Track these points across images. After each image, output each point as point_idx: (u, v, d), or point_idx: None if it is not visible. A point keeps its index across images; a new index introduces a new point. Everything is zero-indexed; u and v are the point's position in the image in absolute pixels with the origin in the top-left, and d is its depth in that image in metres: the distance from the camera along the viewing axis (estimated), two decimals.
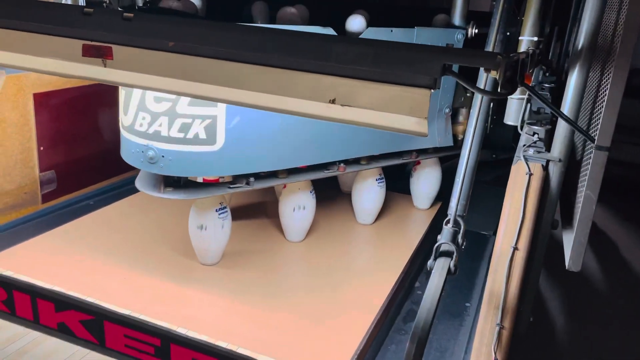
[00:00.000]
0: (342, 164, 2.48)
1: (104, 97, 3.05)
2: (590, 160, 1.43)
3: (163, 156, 1.95)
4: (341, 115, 1.34)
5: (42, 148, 2.73)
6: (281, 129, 2.12)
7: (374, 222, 2.86)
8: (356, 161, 2.58)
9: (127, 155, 2.11)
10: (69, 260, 2.26)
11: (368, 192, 2.77)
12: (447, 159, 3.21)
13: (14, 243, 2.37)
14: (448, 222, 1.60)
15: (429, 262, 1.53)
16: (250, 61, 1.39)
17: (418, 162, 2.97)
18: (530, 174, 1.69)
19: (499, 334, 1.55)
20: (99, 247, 2.39)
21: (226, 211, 2.23)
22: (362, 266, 2.54)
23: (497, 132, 3.30)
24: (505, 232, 1.69)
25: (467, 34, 2.51)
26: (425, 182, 3.01)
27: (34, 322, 1.53)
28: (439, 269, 1.49)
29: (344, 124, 1.36)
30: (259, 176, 2.24)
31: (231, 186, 2.15)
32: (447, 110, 2.69)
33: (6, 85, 2.53)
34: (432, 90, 1.24)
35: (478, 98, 1.58)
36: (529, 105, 1.98)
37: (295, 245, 2.58)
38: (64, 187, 2.89)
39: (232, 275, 2.27)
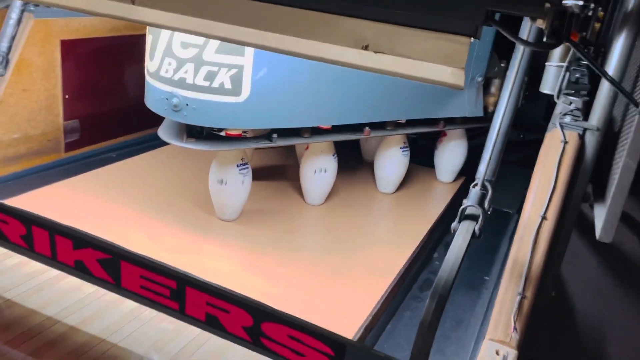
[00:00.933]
0: (367, 128, 2.42)
1: (131, 49, 3.02)
2: (633, 127, 1.36)
3: (187, 104, 1.92)
4: (373, 63, 1.28)
5: (67, 96, 2.73)
6: (309, 85, 2.07)
7: (395, 192, 2.81)
8: (382, 126, 2.52)
9: (151, 102, 2.09)
10: (88, 205, 2.27)
11: (391, 160, 2.71)
12: (475, 136, 3.13)
13: (35, 188, 2.39)
14: (475, 185, 1.54)
15: (453, 225, 1.48)
16: (281, 1, 1.33)
17: (444, 134, 2.90)
18: (565, 142, 1.62)
19: (520, 303, 1.50)
20: (119, 196, 2.39)
21: (247, 167, 2.21)
22: (381, 233, 2.51)
23: (527, 112, 3.20)
24: (534, 201, 1.63)
25: None
26: (450, 155, 2.94)
27: (52, 259, 1.53)
28: (463, 231, 1.44)
29: (375, 73, 1.30)
30: (282, 134, 2.20)
31: (254, 141, 2.12)
32: (479, 79, 2.60)
33: (34, 29, 2.51)
34: (472, 39, 1.18)
35: (518, 54, 1.50)
36: (567, 74, 1.89)
37: (315, 209, 2.55)
38: (87, 138, 2.89)
39: (249, 232, 2.25)
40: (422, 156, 3.14)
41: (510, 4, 1.13)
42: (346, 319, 1.78)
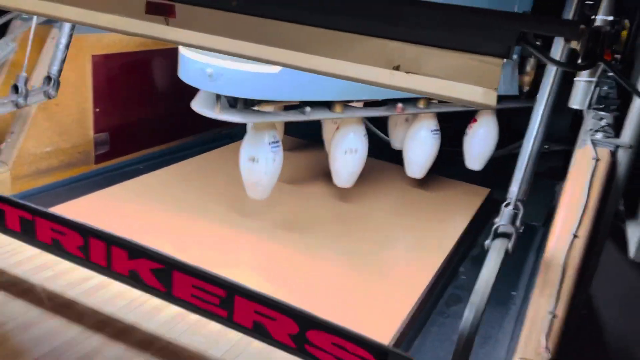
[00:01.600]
0: (400, 104, 2.40)
1: (160, 63, 3.08)
2: None
3: (222, 74, 1.94)
4: (405, 83, 1.29)
5: (97, 110, 2.79)
6: None
7: (420, 203, 2.79)
8: (414, 104, 2.48)
9: (185, 74, 2.12)
10: (117, 217, 2.32)
11: (421, 143, 2.67)
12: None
13: (66, 200, 2.44)
14: (508, 204, 1.54)
15: (486, 242, 1.48)
16: (313, 23, 1.35)
17: (474, 120, 2.84)
18: (597, 159, 1.60)
19: (551, 322, 1.49)
20: (147, 208, 2.43)
21: (279, 145, 2.22)
22: (406, 246, 2.51)
23: (552, 122, 3.14)
24: (566, 218, 1.61)
25: None
26: (480, 141, 2.85)
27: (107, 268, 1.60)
28: (497, 248, 1.43)
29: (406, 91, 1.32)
30: (314, 108, 2.22)
31: (287, 114, 2.14)
32: (514, 57, 2.55)
33: None
34: (505, 60, 1.18)
35: (551, 75, 1.49)
36: (597, 89, 1.87)
37: (341, 216, 2.56)
38: (117, 150, 2.95)
39: (282, 237, 2.29)
40: (446, 166, 3.12)
41: (544, 26, 1.13)
42: (373, 336, 1.78)
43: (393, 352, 1.36)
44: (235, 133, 3.56)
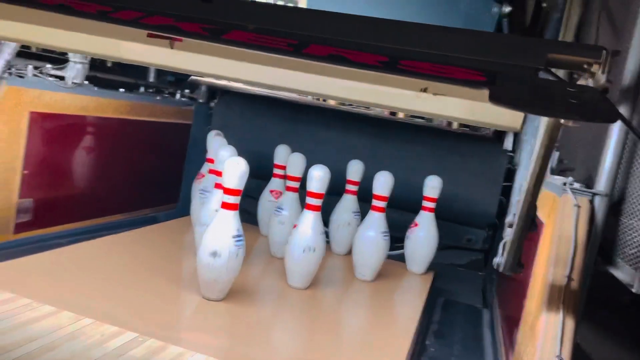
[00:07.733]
0: None
1: (100, 131, 2.89)
2: None
3: None
4: (431, 107, 1.32)
5: (26, 172, 2.49)
6: None
7: (372, 282, 2.73)
8: None
9: None
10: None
11: (371, 245, 2.65)
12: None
13: None
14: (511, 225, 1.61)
15: (496, 260, 1.52)
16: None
17: (415, 224, 2.92)
18: (579, 207, 1.70)
19: None
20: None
21: (242, 239, 2.07)
22: (372, 330, 2.36)
23: (473, 211, 3.28)
24: (556, 261, 1.66)
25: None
26: (422, 244, 2.91)
27: None
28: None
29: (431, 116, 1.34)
30: None
31: None
32: None
33: (5, 96, 2.35)
34: None
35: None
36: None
37: (297, 300, 2.37)
38: (40, 220, 2.60)
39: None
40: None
41: (567, 49, 1.24)
42: None
43: None
44: (160, 217, 3.41)
